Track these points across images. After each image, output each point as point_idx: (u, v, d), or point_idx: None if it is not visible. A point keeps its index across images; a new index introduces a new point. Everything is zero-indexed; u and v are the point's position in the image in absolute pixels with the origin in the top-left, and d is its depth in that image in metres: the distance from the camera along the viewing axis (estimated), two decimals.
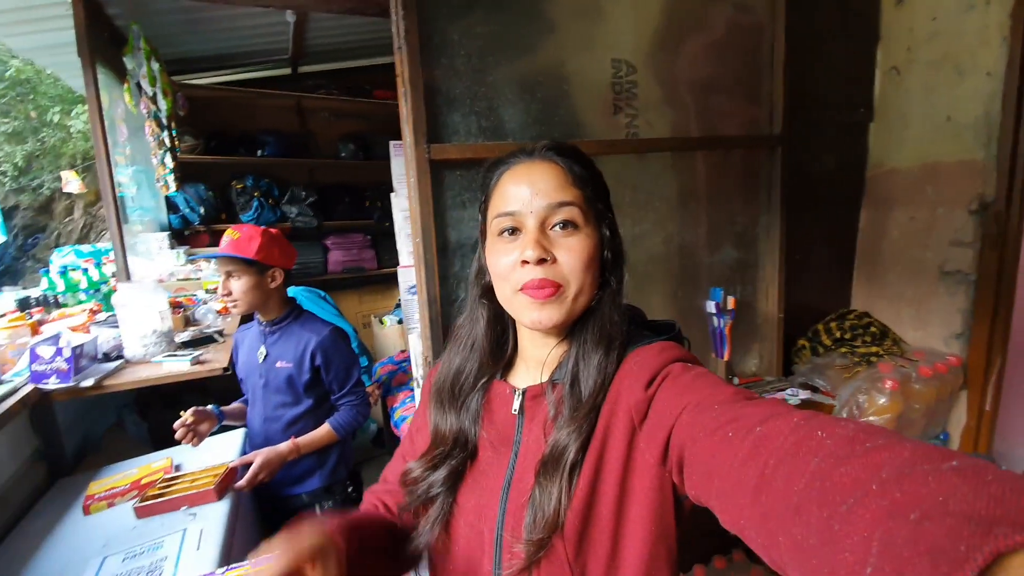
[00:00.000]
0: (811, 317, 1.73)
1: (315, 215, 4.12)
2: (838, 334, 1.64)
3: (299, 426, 1.58)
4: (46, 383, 1.59)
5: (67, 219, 6.89)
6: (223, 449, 1.68)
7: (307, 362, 1.54)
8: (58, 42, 2.75)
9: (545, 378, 0.65)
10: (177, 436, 1.45)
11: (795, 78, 1.46)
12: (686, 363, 0.58)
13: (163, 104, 2.78)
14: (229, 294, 1.49)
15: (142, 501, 1.34)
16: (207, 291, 2.86)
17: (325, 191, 4.26)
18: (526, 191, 0.62)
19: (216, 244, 3.83)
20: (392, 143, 1.37)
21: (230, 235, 1.48)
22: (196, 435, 1.48)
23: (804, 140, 1.58)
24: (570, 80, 1.24)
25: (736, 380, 1.48)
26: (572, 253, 0.61)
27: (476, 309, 0.72)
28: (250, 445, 1.65)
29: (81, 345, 1.67)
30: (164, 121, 2.92)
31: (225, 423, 1.64)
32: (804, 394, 1.42)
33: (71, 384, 1.61)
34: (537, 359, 0.67)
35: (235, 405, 1.69)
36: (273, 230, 1.57)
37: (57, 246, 7.02)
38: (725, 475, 0.42)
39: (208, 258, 1.48)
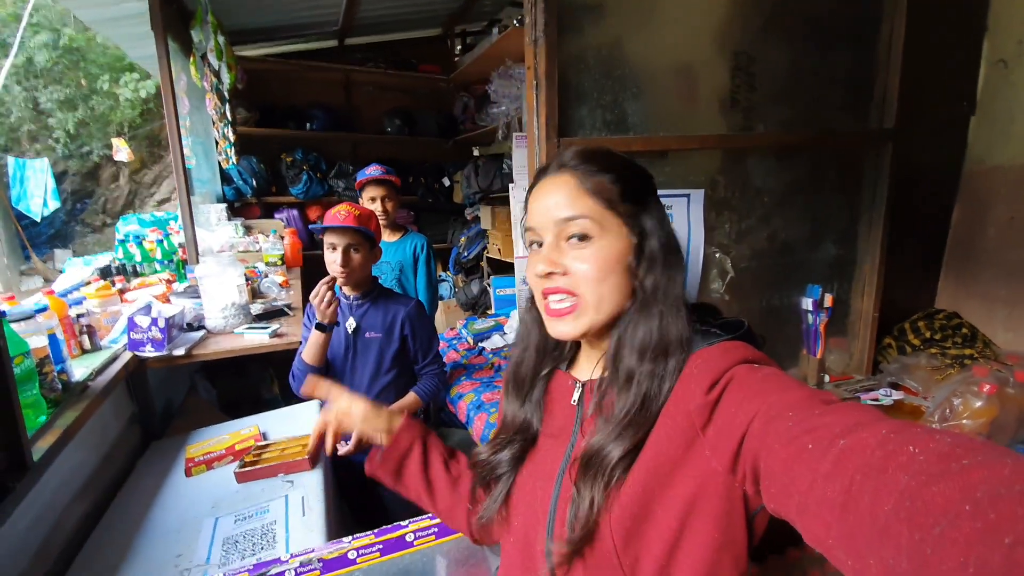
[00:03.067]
0: (896, 315, 1.70)
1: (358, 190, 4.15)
2: (927, 334, 1.61)
3: (384, 396, 1.64)
4: (142, 351, 1.66)
5: (113, 185, 7.07)
6: (305, 419, 1.74)
7: (396, 332, 1.62)
8: (123, 14, 2.77)
9: (599, 374, 0.67)
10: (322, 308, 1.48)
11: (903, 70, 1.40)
12: (752, 363, 0.55)
13: (226, 77, 2.80)
14: (347, 266, 1.52)
15: (241, 468, 1.41)
16: (267, 264, 2.93)
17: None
18: (542, 206, 0.65)
19: (267, 216, 3.92)
20: (516, 135, 1.37)
21: (348, 210, 1.51)
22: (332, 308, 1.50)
23: (904, 134, 1.53)
24: (691, 73, 1.22)
25: (827, 378, 1.48)
26: (586, 264, 0.62)
27: (526, 312, 0.76)
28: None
29: (172, 316, 1.74)
30: (226, 94, 2.95)
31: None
32: (897, 395, 1.41)
33: (165, 352, 1.68)
34: (592, 357, 0.70)
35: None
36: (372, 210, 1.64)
37: (104, 212, 7.23)
38: (807, 490, 0.39)
39: (325, 229, 1.50)
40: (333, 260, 1.52)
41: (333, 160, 4.14)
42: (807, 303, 1.38)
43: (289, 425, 1.71)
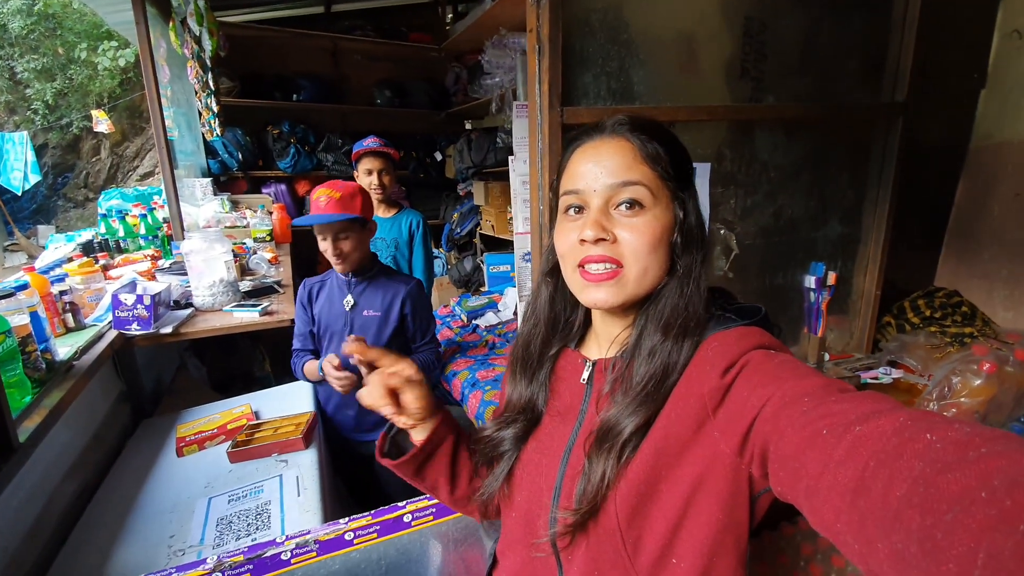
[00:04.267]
0: (895, 294, 1.69)
1: (351, 163, 4.03)
2: (927, 312, 1.60)
3: None
4: (128, 329, 1.62)
5: (94, 159, 6.87)
6: (296, 399, 1.72)
7: (396, 310, 1.59)
8: None
9: (613, 353, 0.67)
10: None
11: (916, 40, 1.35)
12: (768, 350, 0.55)
13: (208, 44, 2.68)
14: (339, 255, 1.48)
15: (234, 447, 1.39)
16: (255, 240, 2.87)
17: (359, 138, 4.14)
18: (593, 168, 0.62)
19: (255, 190, 3.82)
20: (516, 104, 1.30)
21: (330, 195, 1.44)
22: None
23: (914, 108, 1.49)
24: (699, 38, 1.15)
25: (827, 356, 1.47)
26: (636, 233, 0.60)
27: (540, 285, 0.75)
28: (324, 394, 1.69)
29: (159, 293, 1.69)
30: (208, 62, 2.83)
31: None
32: (896, 373, 1.41)
33: (152, 331, 1.64)
34: (608, 335, 0.69)
35: (310, 362, 1.71)
36: (360, 185, 1.56)
37: (86, 186, 7.04)
38: (818, 475, 0.39)
39: (311, 224, 1.45)
40: (326, 249, 1.49)
41: (322, 133, 4.02)
42: (810, 281, 1.36)
43: (281, 404, 1.69)
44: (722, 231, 1.24)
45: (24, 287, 1.36)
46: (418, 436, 0.73)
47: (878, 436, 0.36)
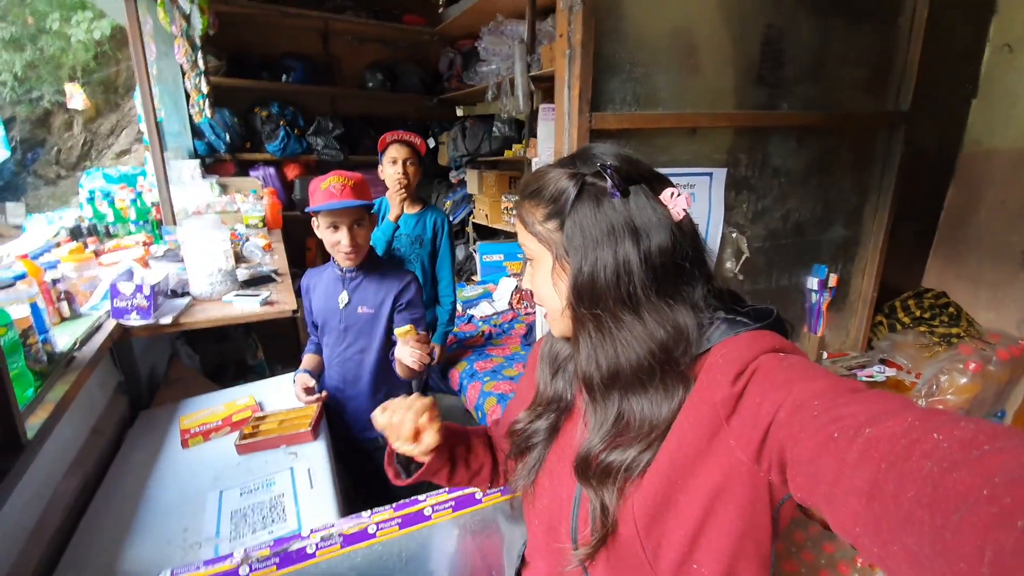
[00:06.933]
0: (886, 293, 1.76)
1: (341, 148, 3.96)
2: (917, 312, 1.68)
3: (375, 371, 1.60)
4: (127, 319, 1.59)
5: (66, 135, 6.58)
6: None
7: (387, 308, 1.55)
8: None
9: None
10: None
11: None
12: (778, 353, 0.54)
13: (198, 22, 2.59)
14: (355, 245, 1.43)
15: (242, 439, 1.38)
16: (247, 226, 2.81)
17: (349, 123, 4.06)
18: None
19: (242, 174, 3.73)
20: (543, 106, 1.29)
21: (343, 182, 1.38)
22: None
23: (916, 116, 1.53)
24: (722, 45, 1.16)
25: (825, 354, 1.53)
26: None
27: None
28: (326, 387, 1.68)
29: (158, 282, 1.65)
30: (197, 41, 2.74)
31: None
32: (890, 371, 1.47)
33: (151, 321, 1.61)
34: None
35: (311, 358, 1.70)
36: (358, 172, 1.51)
37: (57, 163, 6.75)
38: (833, 480, 0.40)
39: (329, 209, 1.39)
40: (337, 241, 1.42)
41: (311, 115, 3.93)
42: (812, 282, 1.41)
43: (281, 395, 1.67)
44: (734, 234, 1.27)
45: (22, 277, 1.32)
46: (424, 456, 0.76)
47: (888, 438, 0.37)
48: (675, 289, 0.60)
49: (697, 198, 1.19)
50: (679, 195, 0.60)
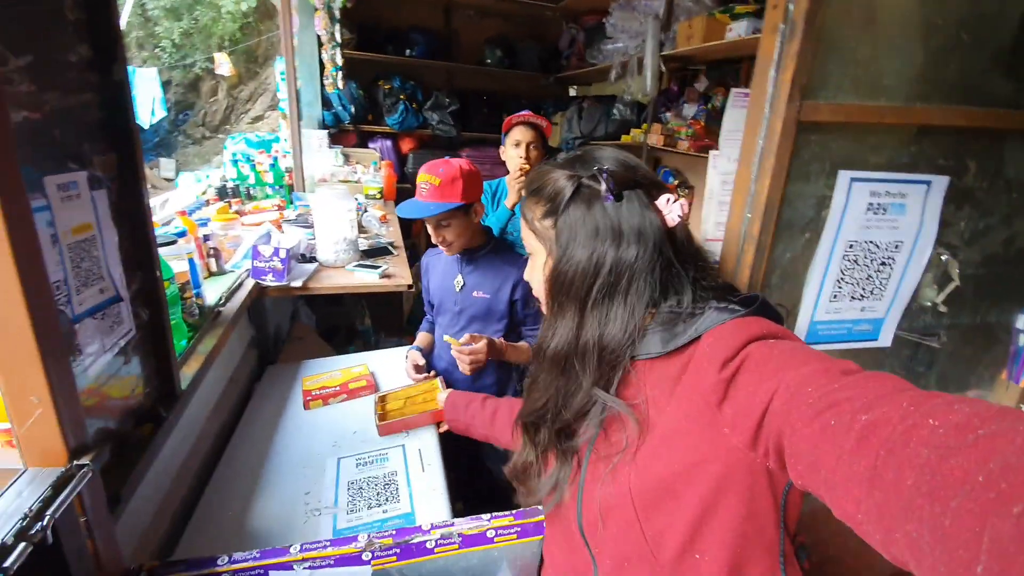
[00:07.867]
0: None
1: (454, 124, 3.98)
2: None
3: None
4: (264, 279, 1.68)
5: (212, 99, 7.30)
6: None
7: (506, 295, 1.51)
8: None
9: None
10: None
11: None
12: (768, 339, 0.53)
13: None
14: (443, 241, 1.44)
15: (382, 420, 1.38)
16: (367, 196, 2.91)
17: (464, 98, 4.07)
18: None
19: (362, 144, 3.88)
20: (735, 91, 1.15)
21: (430, 181, 1.37)
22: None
23: None
24: (969, 23, 0.93)
25: None
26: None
27: None
28: (435, 367, 1.68)
29: (292, 247, 1.73)
30: (336, 13, 2.83)
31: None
32: None
33: (284, 283, 1.69)
34: None
35: (424, 336, 1.71)
36: (465, 163, 1.44)
37: (203, 124, 7.54)
38: (832, 467, 0.39)
39: (409, 217, 1.41)
40: (431, 233, 1.46)
41: (429, 90, 3.99)
42: (1021, 321, 1.15)
43: (390, 368, 1.70)
44: (944, 257, 1.04)
45: (183, 234, 1.42)
46: None
47: (884, 424, 0.36)
48: (638, 296, 0.61)
49: (906, 209, 0.98)
50: (675, 202, 0.62)
